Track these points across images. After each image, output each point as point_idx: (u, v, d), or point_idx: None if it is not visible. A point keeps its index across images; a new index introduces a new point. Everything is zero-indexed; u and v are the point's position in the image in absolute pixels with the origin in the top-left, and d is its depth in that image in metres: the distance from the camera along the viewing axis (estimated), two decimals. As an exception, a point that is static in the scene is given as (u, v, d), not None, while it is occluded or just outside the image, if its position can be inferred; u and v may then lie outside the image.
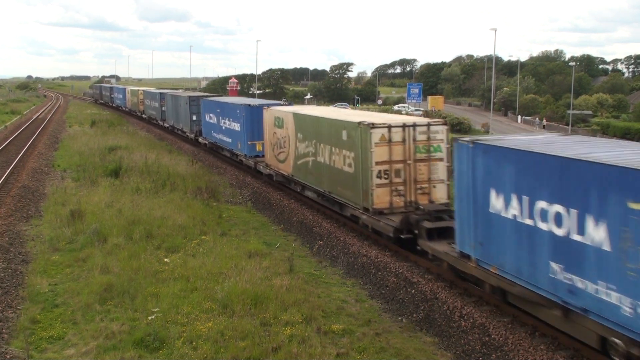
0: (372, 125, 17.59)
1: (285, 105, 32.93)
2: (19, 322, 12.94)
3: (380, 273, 16.57)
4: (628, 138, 61.44)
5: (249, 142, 29.74)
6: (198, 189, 26.28)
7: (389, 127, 17.71)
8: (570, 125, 74.57)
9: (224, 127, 33.80)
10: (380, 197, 17.74)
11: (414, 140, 17.81)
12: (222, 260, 16.55)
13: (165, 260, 16.75)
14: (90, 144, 40.18)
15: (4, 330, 12.49)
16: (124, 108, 77.75)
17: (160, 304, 13.58)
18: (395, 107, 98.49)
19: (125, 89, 79.64)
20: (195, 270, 15.73)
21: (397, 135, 17.73)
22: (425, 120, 19.00)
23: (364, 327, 13.18)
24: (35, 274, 15.88)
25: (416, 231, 16.39)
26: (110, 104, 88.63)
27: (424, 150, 17.90)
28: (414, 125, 17.92)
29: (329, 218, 22.00)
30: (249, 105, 29.95)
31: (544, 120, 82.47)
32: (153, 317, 12.95)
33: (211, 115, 36.52)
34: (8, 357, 11.33)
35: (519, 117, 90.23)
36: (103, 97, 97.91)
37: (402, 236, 16.75)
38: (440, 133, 18.03)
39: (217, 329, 12.30)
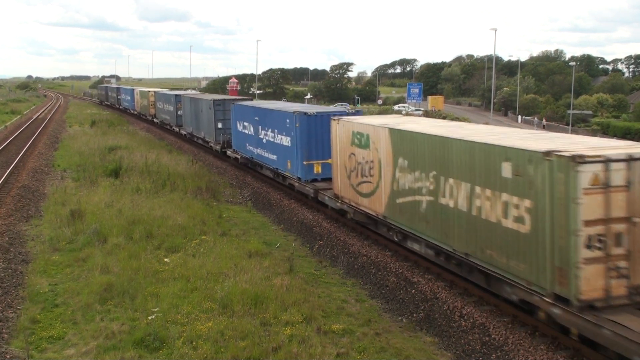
0: (580, 160, 10.62)
1: (356, 113, 24.33)
2: (19, 322, 12.94)
3: (380, 273, 16.57)
4: (628, 138, 61.47)
5: (304, 162, 23.26)
6: (198, 189, 26.29)
7: (607, 161, 10.77)
8: (570, 125, 74.57)
9: (264, 140, 27.37)
10: (592, 280, 10.74)
11: None
12: (222, 260, 16.55)
13: (165, 260, 16.75)
14: (90, 144, 40.21)
15: (4, 330, 12.49)
16: (132, 111, 72.32)
17: (160, 304, 13.58)
18: (395, 107, 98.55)
19: (133, 90, 73.80)
20: (195, 270, 15.73)
21: (619, 175, 10.82)
22: None
23: (364, 327, 13.18)
24: (35, 273, 15.88)
25: None
26: (117, 106, 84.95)
27: None
28: None
29: (328, 218, 21.93)
30: (305, 113, 23.34)
31: (544, 120, 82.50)
32: (153, 317, 12.95)
33: (245, 123, 30.35)
34: (8, 357, 11.33)
35: (519, 117, 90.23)
36: (109, 98, 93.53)
37: None
38: None
39: (217, 328, 12.30)
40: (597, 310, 10.68)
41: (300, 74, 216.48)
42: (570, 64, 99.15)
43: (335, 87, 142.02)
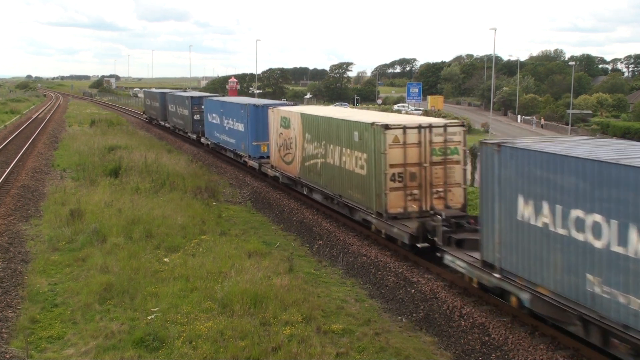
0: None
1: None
2: (18, 321, 12.93)
3: (380, 272, 16.57)
4: (628, 138, 61.47)
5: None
6: (198, 189, 26.29)
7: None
8: (570, 125, 74.59)
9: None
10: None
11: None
12: (222, 260, 16.55)
13: (165, 259, 16.74)
14: (89, 144, 40.18)
15: (3, 330, 12.48)
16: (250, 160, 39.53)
17: (159, 304, 13.58)
18: (395, 107, 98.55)
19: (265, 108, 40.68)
20: (194, 269, 15.72)
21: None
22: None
23: (364, 327, 13.18)
24: (35, 273, 15.87)
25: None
26: (198, 138, 42.27)
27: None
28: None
29: (328, 218, 22.00)
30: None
31: (542, 119, 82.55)
32: (153, 316, 12.94)
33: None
34: (8, 356, 11.32)
35: (519, 116, 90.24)
36: (169, 114, 50.36)
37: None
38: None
39: (217, 328, 12.30)
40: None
41: (299, 74, 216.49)
42: (569, 63, 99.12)
43: (335, 86, 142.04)
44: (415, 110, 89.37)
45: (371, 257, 17.59)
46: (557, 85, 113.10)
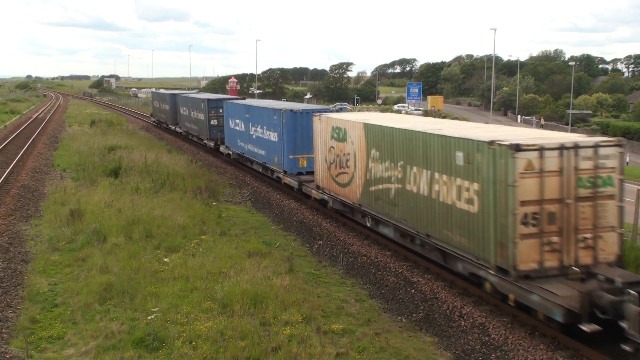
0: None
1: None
2: (18, 321, 12.93)
3: (380, 272, 16.57)
4: (628, 138, 61.53)
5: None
6: (198, 189, 26.29)
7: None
8: (570, 125, 74.61)
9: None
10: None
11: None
12: (222, 260, 16.54)
13: (165, 260, 16.74)
14: (89, 144, 40.19)
15: (3, 330, 12.48)
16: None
17: (159, 304, 13.58)
18: (395, 107, 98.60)
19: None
20: (194, 270, 15.72)
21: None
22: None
23: (364, 327, 13.18)
24: (35, 273, 15.87)
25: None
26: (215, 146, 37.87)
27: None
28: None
29: (328, 218, 21.94)
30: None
31: (542, 119, 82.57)
32: (153, 316, 12.94)
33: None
34: (8, 356, 11.32)
35: (519, 116, 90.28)
36: (182, 120, 45.64)
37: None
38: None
39: (217, 328, 12.29)
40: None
41: (299, 74, 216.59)
42: (569, 63, 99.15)
43: (335, 86, 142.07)
44: (415, 110, 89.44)
45: (371, 257, 17.59)
46: (557, 85, 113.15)
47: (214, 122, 37.29)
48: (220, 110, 36.27)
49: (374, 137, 17.52)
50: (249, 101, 34.85)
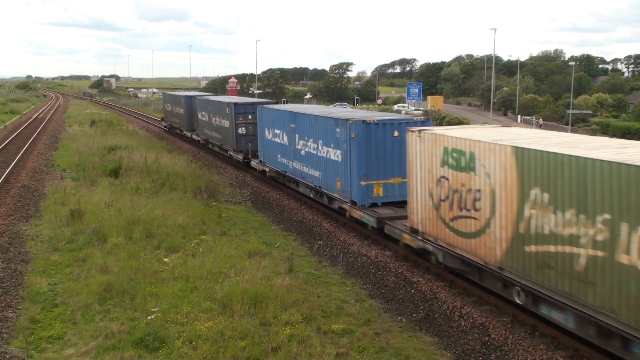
0: None
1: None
2: (18, 321, 12.93)
3: (380, 273, 16.57)
4: (628, 137, 61.52)
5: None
6: (198, 189, 26.28)
7: None
8: (570, 125, 74.61)
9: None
10: None
11: None
12: (222, 260, 16.54)
13: (165, 260, 16.74)
14: (89, 144, 40.18)
15: (3, 330, 12.48)
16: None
17: (159, 304, 13.58)
18: (395, 107, 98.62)
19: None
20: (194, 270, 15.72)
21: None
22: None
23: (364, 327, 13.17)
24: (35, 273, 15.87)
25: None
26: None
27: None
28: None
29: (328, 218, 21.90)
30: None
31: (541, 119, 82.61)
32: (152, 316, 12.94)
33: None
34: (8, 357, 11.32)
35: (519, 116, 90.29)
36: (199, 124, 41.11)
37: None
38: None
39: (217, 328, 12.29)
40: None
41: (299, 74, 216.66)
42: (569, 63, 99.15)
43: (335, 87, 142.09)
44: (415, 110, 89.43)
45: (371, 257, 17.59)
46: (557, 85, 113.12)
47: (242, 130, 31.81)
48: (250, 117, 31.33)
49: (538, 170, 11.54)
50: (294, 107, 28.11)
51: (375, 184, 18.87)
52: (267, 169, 27.26)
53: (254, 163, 29.63)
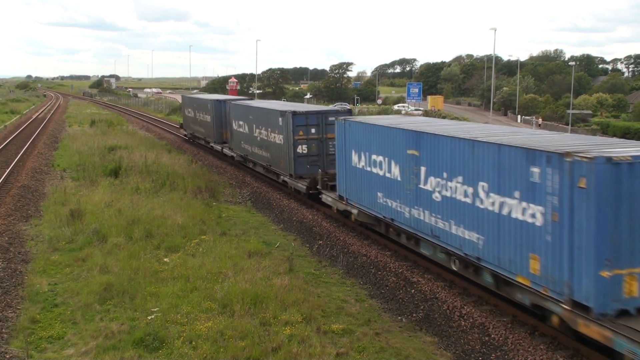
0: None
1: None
2: (18, 321, 12.93)
3: (380, 272, 16.57)
4: (628, 137, 61.50)
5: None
6: (198, 189, 26.28)
7: None
8: (570, 125, 74.61)
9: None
10: None
11: None
12: (222, 260, 16.55)
13: (165, 260, 16.74)
14: (89, 144, 40.18)
15: (3, 330, 12.48)
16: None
17: (159, 304, 13.58)
18: (395, 107, 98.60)
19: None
20: (194, 270, 15.72)
21: None
22: None
23: (364, 327, 13.18)
24: (35, 273, 15.87)
25: None
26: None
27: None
28: None
29: (328, 217, 21.94)
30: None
31: (540, 119, 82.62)
32: (153, 316, 12.95)
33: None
34: (8, 356, 11.32)
35: (519, 116, 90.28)
36: (234, 136, 33.21)
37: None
38: None
39: (217, 328, 12.30)
40: None
41: (299, 74, 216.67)
42: (569, 63, 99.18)
43: (335, 87, 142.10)
44: (415, 110, 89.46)
45: (371, 257, 17.59)
46: (557, 85, 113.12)
47: (302, 149, 24.09)
48: (313, 131, 23.95)
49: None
50: (410, 122, 17.83)
51: (627, 274, 10.29)
52: (354, 211, 19.19)
53: (325, 196, 21.68)
